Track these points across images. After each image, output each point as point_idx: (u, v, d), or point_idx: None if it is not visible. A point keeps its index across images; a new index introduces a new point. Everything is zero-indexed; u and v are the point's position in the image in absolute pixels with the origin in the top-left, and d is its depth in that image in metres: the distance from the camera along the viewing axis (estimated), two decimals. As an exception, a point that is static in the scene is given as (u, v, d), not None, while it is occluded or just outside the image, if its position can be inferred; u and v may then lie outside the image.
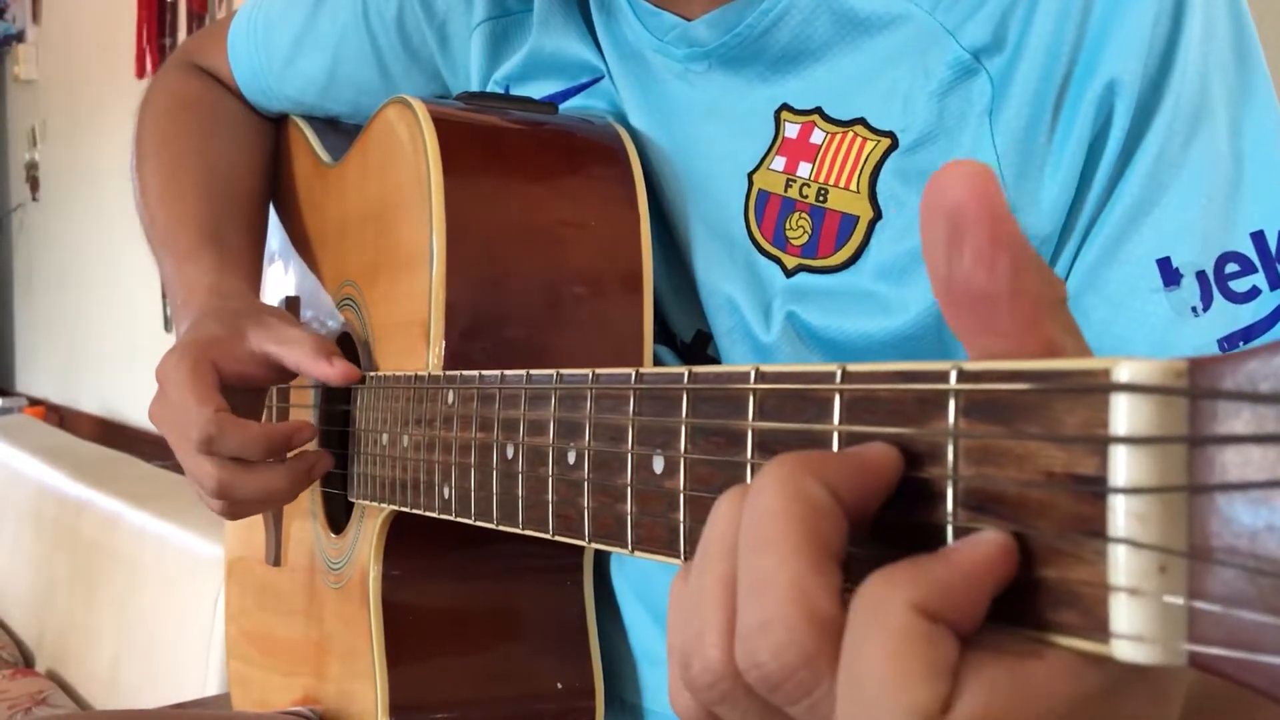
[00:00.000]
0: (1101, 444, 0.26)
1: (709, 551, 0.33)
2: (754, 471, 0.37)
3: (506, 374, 0.56)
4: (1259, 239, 0.60)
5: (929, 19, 0.64)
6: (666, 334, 0.76)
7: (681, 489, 0.40)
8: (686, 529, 0.40)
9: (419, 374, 0.67)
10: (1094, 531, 0.27)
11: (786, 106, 0.68)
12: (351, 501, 0.80)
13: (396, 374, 0.71)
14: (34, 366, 4.24)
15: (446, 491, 0.62)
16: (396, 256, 0.75)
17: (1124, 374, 0.26)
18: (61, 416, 3.70)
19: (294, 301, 0.91)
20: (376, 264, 0.79)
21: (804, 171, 0.67)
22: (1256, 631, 0.24)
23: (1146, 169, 0.60)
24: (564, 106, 0.79)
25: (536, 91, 0.81)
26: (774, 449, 0.36)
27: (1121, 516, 0.26)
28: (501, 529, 0.56)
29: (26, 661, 2.20)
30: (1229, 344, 0.59)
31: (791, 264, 0.68)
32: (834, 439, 0.34)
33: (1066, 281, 0.63)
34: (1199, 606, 0.25)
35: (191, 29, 2.88)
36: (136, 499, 1.97)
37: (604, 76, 0.78)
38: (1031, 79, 0.61)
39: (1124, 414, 0.26)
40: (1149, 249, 0.60)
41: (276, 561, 0.94)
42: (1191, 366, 0.26)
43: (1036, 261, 0.30)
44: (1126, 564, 0.26)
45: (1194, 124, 0.60)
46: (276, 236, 1.00)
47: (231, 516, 0.80)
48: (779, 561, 0.30)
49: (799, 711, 0.30)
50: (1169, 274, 0.60)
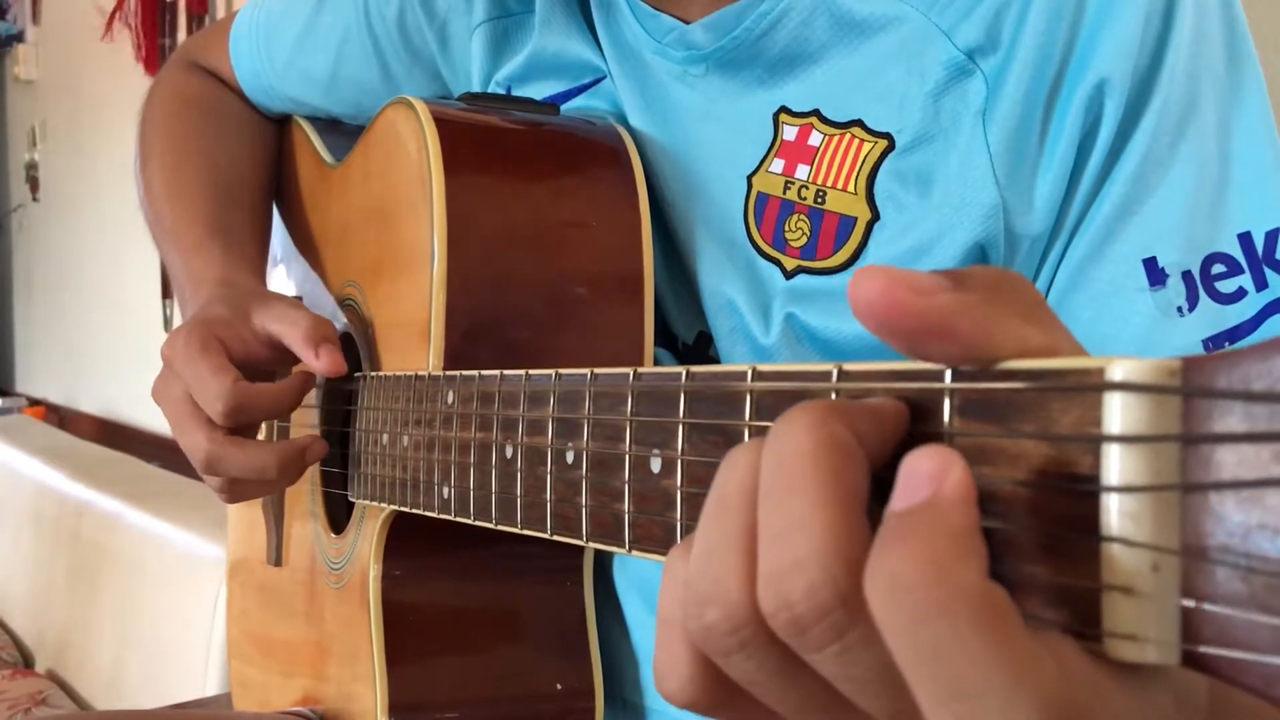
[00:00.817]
0: (1095, 442, 0.27)
1: (727, 499, 0.32)
2: None
3: (506, 374, 0.56)
4: (1246, 240, 0.60)
5: (924, 20, 0.64)
6: (668, 336, 0.76)
7: (678, 488, 0.41)
8: (683, 528, 0.40)
9: (419, 374, 0.67)
10: (1087, 530, 0.27)
11: (785, 109, 0.69)
12: (352, 502, 0.80)
13: (396, 374, 0.71)
14: (34, 367, 4.23)
15: (446, 491, 0.62)
16: (398, 257, 0.76)
17: (1118, 373, 0.26)
18: (61, 417, 3.70)
19: (296, 301, 0.92)
20: (378, 264, 0.80)
21: (802, 173, 0.67)
22: (1250, 630, 0.24)
23: (1133, 169, 0.60)
24: (566, 107, 0.79)
25: (538, 92, 0.81)
26: (771, 448, 0.36)
27: (1115, 515, 0.26)
28: (500, 529, 0.56)
29: (26, 661, 2.20)
30: (1214, 344, 0.59)
31: (791, 266, 0.68)
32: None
33: (1054, 279, 0.63)
34: (1192, 605, 0.25)
35: (191, 29, 2.88)
36: (136, 499, 1.96)
37: (606, 77, 0.78)
38: (1024, 79, 0.61)
39: (1118, 413, 0.26)
40: (1135, 248, 0.60)
41: (278, 562, 0.95)
42: (1185, 365, 0.26)
43: (988, 291, 0.30)
44: (1119, 563, 0.26)
45: (1182, 125, 0.60)
46: (280, 237, 1.00)
47: (230, 498, 0.79)
48: (812, 503, 0.29)
49: (824, 659, 0.29)
50: (1155, 274, 0.60)
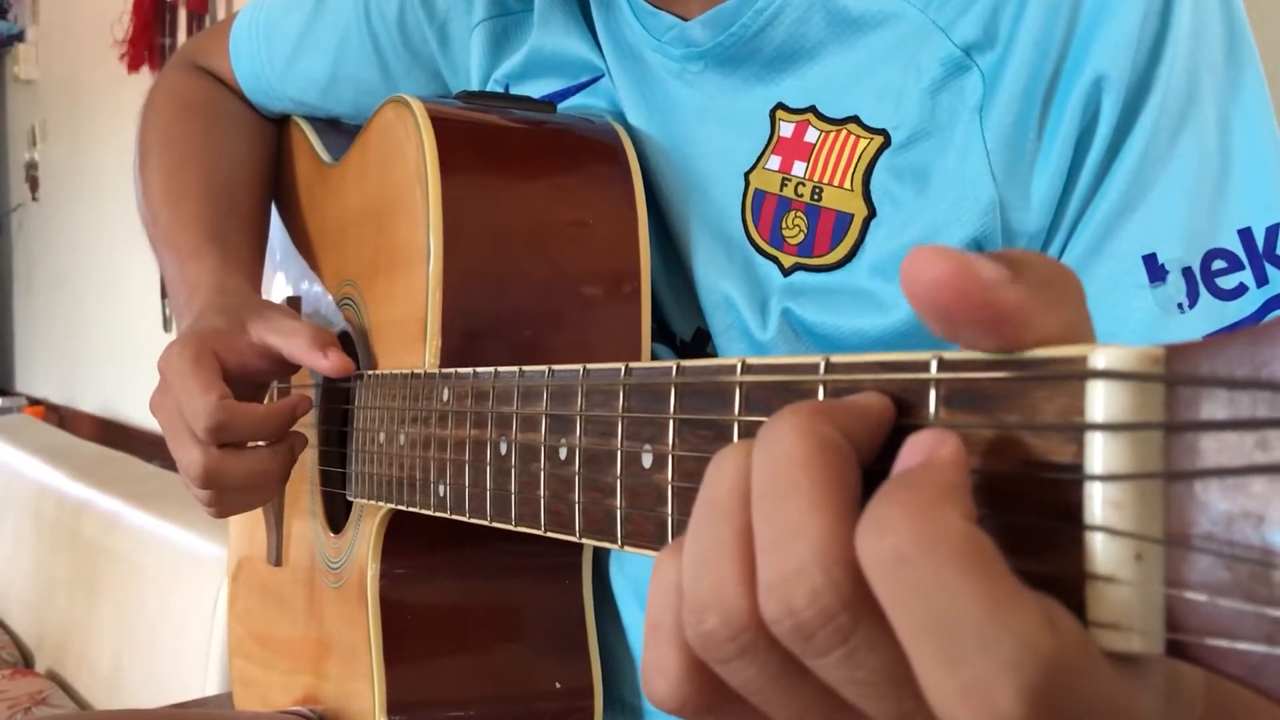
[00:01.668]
0: (1078, 431, 0.27)
1: (717, 503, 0.32)
2: None
3: (500, 370, 0.56)
4: (1246, 236, 0.60)
5: (921, 16, 0.64)
6: (666, 333, 0.76)
7: (669, 483, 0.41)
8: (674, 523, 0.40)
9: (414, 372, 0.67)
10: (1071, 519, 0.27)
11: (781, 105, 0.69)
12: (350, 501, 0.80)
13: (393, 372, 0.71)
14: (34, 366, 4.23)
15: (442, 489, 0.62)
16: (394, 255, 0.76)
17: (1101, 360, 0.26)
18: (61, 416, 3.69)
19: (295, 301, 0.92)
20: (375, 263, 0.80)
21: (799, 170, 0.67)
22: (1234, 619, 0.24)
23: (1132, 165, 0.60)
24: (564, 105, 0.79)
25: (537, 90, 0.81)
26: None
27: (1098, 504, 0.26)
28: (496, 526, 0.56)
29: (26, 661, 2.20)
30: None
31: (788, 263, 0.68)
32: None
33: None
34: (1176, 594, 0.25)
35: (191, 29, 2.88)
36: (136, 499, 1.96)
37: (604, 75, 0.78)
38: (1021, 75, 0.61)
39: (1101, 401, 0.26)
40: (1134, 245, 0.60)
41: (278, 561, 0.95)
42: (1169, 353, 0.26)
43: (1043, 289, 0.29)
44: (1103, 551, 0.26)
45: (1181, 120, 0.60)
46: (278, 236, 1.00)
47: (220, 511, 0.79)
48: (807, 508, 0.29)
49: (829, 663, 0.29)
50: (1154, 270, 0.60)
